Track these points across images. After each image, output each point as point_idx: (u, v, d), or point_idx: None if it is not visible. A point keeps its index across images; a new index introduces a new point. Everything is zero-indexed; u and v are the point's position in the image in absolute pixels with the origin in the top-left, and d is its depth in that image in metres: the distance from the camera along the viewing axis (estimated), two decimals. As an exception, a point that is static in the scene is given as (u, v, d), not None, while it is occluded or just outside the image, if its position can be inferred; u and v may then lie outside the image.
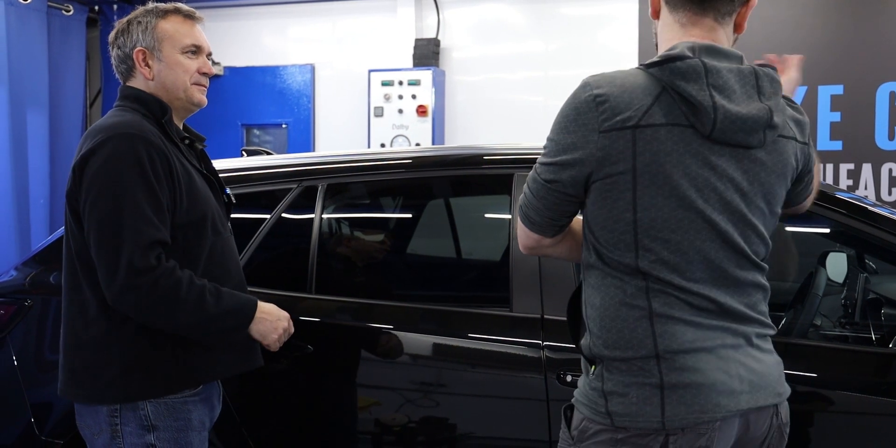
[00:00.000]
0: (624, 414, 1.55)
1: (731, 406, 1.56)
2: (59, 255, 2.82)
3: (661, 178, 1.52)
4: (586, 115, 1.53)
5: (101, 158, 1.91)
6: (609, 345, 1.57)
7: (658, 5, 1.67)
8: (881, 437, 2.14)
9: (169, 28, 2.06)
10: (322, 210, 2.68)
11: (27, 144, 5.13)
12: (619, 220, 1.55)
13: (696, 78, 1.53)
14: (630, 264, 1.56)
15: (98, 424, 2.01)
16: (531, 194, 1.63)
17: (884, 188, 4.94)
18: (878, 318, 2.51)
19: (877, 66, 4.93)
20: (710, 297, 1.57)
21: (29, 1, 5.12)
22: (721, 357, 1.57)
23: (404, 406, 2.47)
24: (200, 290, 1.93)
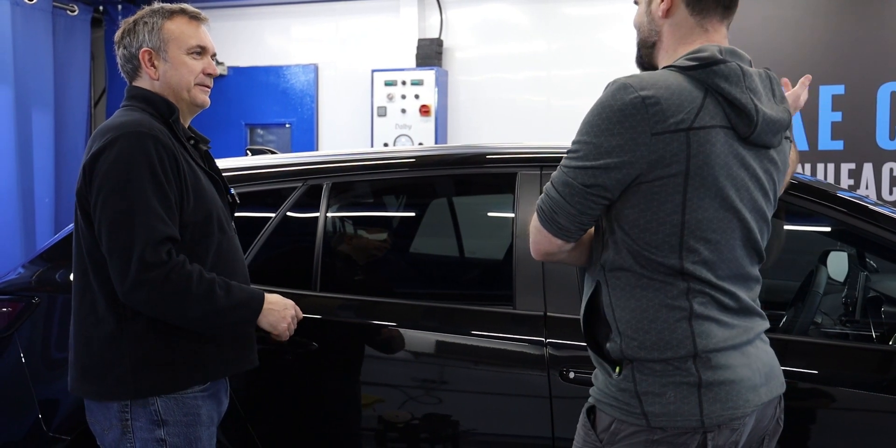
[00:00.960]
0: (661, 414, 1.55)
1: (756, 400, 1.60)
2: (66, 253, 2.85)
3: (710, 179, 1.54)
4: (635, 118, 1.51)
5: (112, 157, 1.93)
6: (646, 346, 1.57)
7: (673, 6, 1.66)
8: (882, 434, 2.16)
9: (175, 29, 2.08)
10: (326, 208, 2.69)
11: (32, 144, 5.15)
12: (665, 222, 1.54)
13: (737, 81, 1.56)
14: (674, 265, 1.56)
15: (108, 420, 2.03)
16: (562, 199, 1.58)
17: (885, 187, 4.95)
18: (879, 316, 2.53)
19: (878, 67, 4.93)
20: (735, 294, 1.61)
21: (34, 1, 5.14)
22: (745, 354, 1.61)
23: (408, 403, 2.48)
24: (210, 283, 1.96)
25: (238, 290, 2.03)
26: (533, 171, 2.52)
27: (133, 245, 1.89)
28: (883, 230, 2.30)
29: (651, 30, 1.70)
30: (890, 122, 4.93)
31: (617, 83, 1.56)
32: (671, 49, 1.66)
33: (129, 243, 1.89)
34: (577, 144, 1.58)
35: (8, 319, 2.82)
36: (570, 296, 2.35)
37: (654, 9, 1.68)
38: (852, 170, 4.99)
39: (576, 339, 2.30)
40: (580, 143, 1.57)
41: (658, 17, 1.67)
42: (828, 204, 2.35)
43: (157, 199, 1.93)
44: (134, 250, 1.89)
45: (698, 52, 1.59)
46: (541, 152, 2.62)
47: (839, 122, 4.99)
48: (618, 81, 1.56)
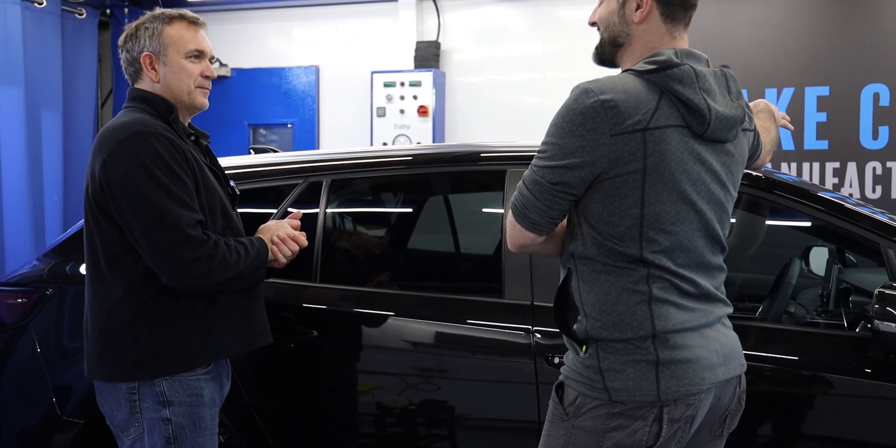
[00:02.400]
0: (621, 389, 1.66)
1: (712, 378, 1.70)
2: (78, 246, 2.97)
3: (666, 175, 1.64)
4: (595, 120, 1.61)
5: (124, 158, 2.02)
6: (608, 327, 1.68)
7: (650, 14, 1.73)
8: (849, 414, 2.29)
9: (174, 34, 2.16)
10: (326, 204, 2.80)
11: (41, 144, 5.24)
12: (626, 216, 1.65)
13: (690, 83, 1.66)
14: (634, 255, 1.66)
15: (117, 401, 2.13)
16: (532, 196, 1.69)
17: (868, 185, 5.02)
18: (848, 306, 2.65)
19: (861, 69, 4.98)
20: (694, 281, 1.71)
21: (44, 4, 5.24)
22: (703, 335, 1.71)
23: (403, 389, 2.57)
24: (235, 249, 2.10)
25: (248, 244, 2.16)
26: (522, 169, 2.63)
27: (171, 236, 2.00)
28: (857, 227, 2.40)
29: (621, 31, 1.77)
30: (873, 123, 4.99)
31: (579, 88, 1.65)
32: (638, 52, 1.75)
33: (166, 236, 2.00)
34: (544, 145, 1.69)
35: (23, 310, 2.92)
36: (556, 286, 2.47)
37: (628, 13, 1.75)
38: (837, 169, 5.05)
39: (557, 326, 2.44)
40: (547, 144, 1.68)
41: (632, 22, 1.74)
42: (808, 202, 2.45)
43: (177, 188, 2.03)
44: (174, 240, 2.00)
45: (656, 55, 1.69)
46: (530, 151, 2.73)
47: (824, 123, 5.04)
48: (580, 86, 1.65)
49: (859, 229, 2.40)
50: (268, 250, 2.19)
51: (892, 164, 4.97)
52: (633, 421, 1.66)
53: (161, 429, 2.11)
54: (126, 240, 2.07)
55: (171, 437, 2.12)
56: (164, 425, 2.11)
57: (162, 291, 2.09)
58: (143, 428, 2.12)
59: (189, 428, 2.13)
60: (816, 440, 2.33)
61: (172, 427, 2.11)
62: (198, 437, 2.15)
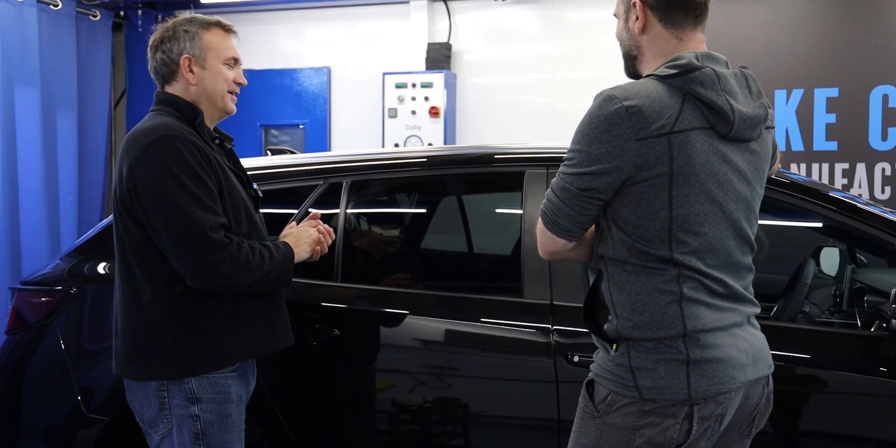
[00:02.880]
0: (652, 387, 1.68)
1: (742, 378, 1.74)
2: (100, 246, 3.03)
3: (692, 177, 1.67)
4: (620, 126, 1.64)
5: (151, 162, 2.06)
6: (640, 326, 1.70)
7: (647, 23, 1.78)
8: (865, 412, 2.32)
9: (213, 40, 2.23)
10: (346, 205, 2.84)
11: (57, 144, 5.29)
12: (655, 218, 1.68)
13: (712, 85, 1.69)
14: (665, 256, 1.69)
15: (147, 398, 2.18)
16: (561, 203, 1.72)
17: (877, 186, 5.03)
18: (862, 306, 2.68)
19: (870, 70, 5.00)
20: (724, 281, 1.74)
21: (60, 7, 5.29)
22: (732, 335, 1.75)
23: (423, 387, 2.61)
24: (259, 252, 2.14)
25: (274, 248, 2.20)
26: (539, 170, 2.68)
27: (194, 239, 2.04)
28: (868, 226, 2.43)
29: (631, 44, 1.83)
30: (882, 124, 5.00)
31: (603, 95, 1.69)
32: (652, 60, 1.79)
33: (190, 238, 2.04)
34: (571, 153, 1.72)
35: (47, 309, 2.96)
36: (575, 286, 2.50)
37: (631, 26, 1.81)
38: (846, 169, 5.07)
39: (580, 326, 2.46)
40: (574, 151, 1.71)
41: (636, 34, 1.80)
42: (819, 202, 2.49)
43: (201, 193, 2.07)
44: (197, 243, 2.04)
45: (676, 59, 1.72)
46: (547, 152, 2.77)
47: (833, 124, 5.05)
48: (604, 93, 1.69)
49: (873, 229, 2.43)
50: (293, 254, 2.24)
51: (901, 165, 5.01)
52: (664, 419, 1.69)
53: (190, 425, 2.15)
54: (153, 242, 2.11)
55: (200, 433, 2.16)
56: (192, 422, 2.15)
57: (189, 293, 2.13)
58: (172, 424, 2.16)
59: (217, 424, 2.18)
60: (832, 438, 2.37)
61: (201, 423, 2.15)
62: (225, 434, 2.20)
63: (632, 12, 1.80)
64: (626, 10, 1.81)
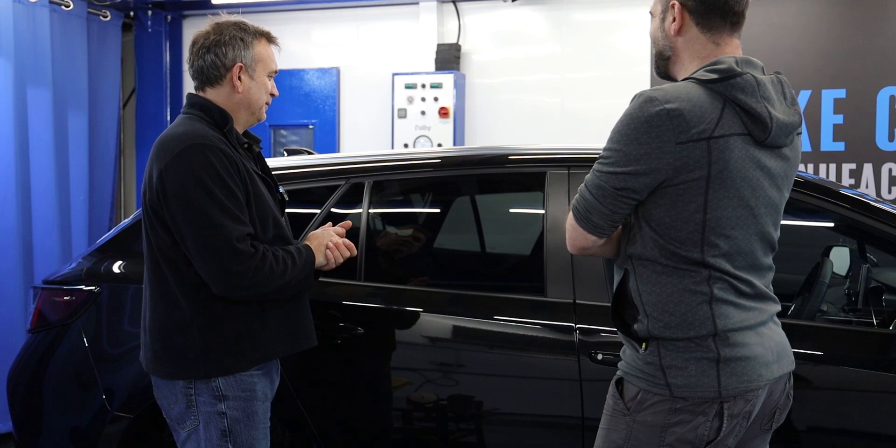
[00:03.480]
0: (683, 385, 1.71)
1: (768, 375, 1.77)
2: (123, 245, 3.06)
3: (728, 182, 1.70)
4: (660, 128, 1.65)
5: (181, 169, 2.09)
6: (671, 326, 1.73)
7: (684, 25, 1.80)
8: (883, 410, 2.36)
9: (263, 52, 2.28)
10: (369, 205, 2.87)
11: (68, 145, 5.30)
12: (689, 221, 1.71)
13: (752, 92, 1.71)
14: (696, 258, 1.72)
15: (174, 395, 2.21)
16: (595, 200, 1.73)
17: (884, 187, 5.08)
18: (880, 304, 2.72)
19: (877, 72, 5.02)
20: (750, 282, 1.78)
21: (71, 7, 5.31)
22: (759, 333, 1.78)
23: (445, 384, 2.65)
24: (283, 259, 2.17)
25: (296, 253, 2.22)
26: (561, 171, 2.72)
27: (220, 249, 2.07)
28: (883, 224, 2.47)
29: (665, 45, 1.84)
30: (889, 125, 5.04)
31: (643, 96, 1.70)
32: (687, 62, 1.81)
33: (215, 248, 2.07)
34: (608, 151, 1.73)
35: (69, 308, 2.99)
36: (597, 285, 2.54)
37: (667, 27, 1.82)
38: (853, 170, 5.11)
39: (603, 324, 2.50)
40: (611, 150, 1.72)
41: (671, 35, 1.82)
42: (832, 200, 2.53)
43: (229, 202, 2.09)
44: (223, 253, 2.07)
45: (716, 64, 1.74)
46: (568, 153, 2.81)
47: (841, 125, 5.08)
48: (644, 94, 1.70)
49: (887, 227, 2.46)
50: (314, 258, 2.26)
51: (908, 165, 5.04)
52: (694, 416, 1.72)
53: (217, 422, 2.19)
54: (179, 246, 2.14)
55: (227, 430, 2.19)
56: (219, 419, 2.19)
57: (215, 295, 2.16)
58: (199, 421, 2.20)
59: (243, 421, 2.21)
60: (852, 435, 2.40)
61: (228, 420, 2.19)
62: (252, 431, 2.23)
63: (669, 13, 1.81)
64: (663, 9, 1.83)
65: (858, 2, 5.07)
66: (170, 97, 6.08)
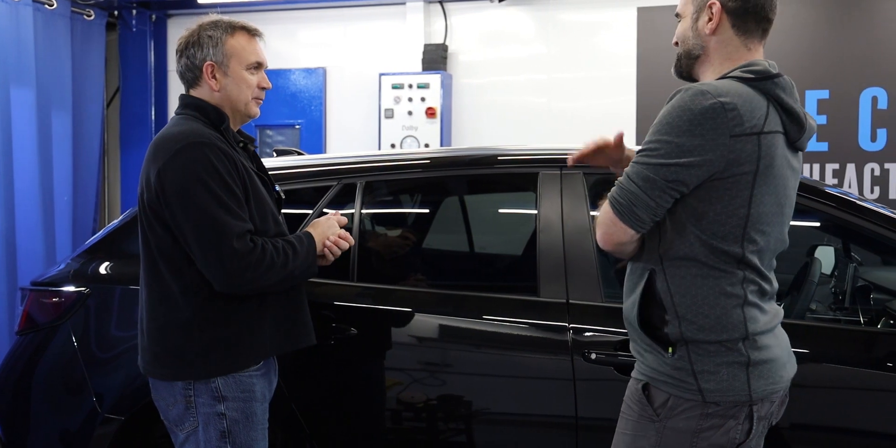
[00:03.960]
0: (715, 390, 1.71)
1: (787, 376, 1.81)
2: (113, 246, 3.04)
3: (771, 178, 1.72)
4: (715, 121, 1.65)
5: (179, 168, 2.08)
6: (704, 329, 1.72)
7: (720, 26, 1.80)
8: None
9: (237, 45, 2.22)
10: (361, 205, 2.87)
11: (52, 144, 5.26)
12: (734, 215, 1.71)
13: (791, 92, 1.75)
14: (737, 254, 1.72)
15: (173, 396, 2.20)
16: (642, 193, 1.70)
17: (866, 186, 5.15)
18: (868, 303, 2.75)
19: (860, 73, 5.11)
20: (771, 282, 1.81)
21: (55, 6, 5.26)
22: (777, 335, 1.82)
23: (439, 385, 2.65)
24: (283, 251, 2.16)
25: (297, 242, 2.21)
26: (553, 171, 2.73)
27: (221, 246, 2.06)
28: (869, 222, 2.49)
29: (696, 44, 1.84)
30: (871, 126, 5.11)
31: (694, 89, 1.70)
32: (716, 63, 1.82)
33: (216, 245, 2.06)
34: (656, 143, 1.70)
35: (59, 310, 2.96)
36: (590, 284, 2.56)
37: (700, 25, 1.83)
38: (836, 170, 5.17)
39: (596, 324, 2.52)
40: (660, 142, 1.69)
41: (705, 34, 1.82)
42: (819, 199, 2.54)
43: (229, 200, 2.08)
44: (224, 250, 2.06)
45: (752, 65, 1.77)
46: (560, 154, 2.80)
47: (824, 125, 5.14)
48: (693, 88, 1.70)
49: (874, 225, 2.49)
50: (316, 246, 2.25)
51: (889, 165, 5.11)
52: (726, 420, 1.73)
53: (216, 423, 2.18)
54: (180, 245, 2.13)
55: (226, 432, 2.18)
56: (218, 420, 2.18)
57: (215, 294, 2.15)
58: (198, 422, 2.18)
59: (242, 422, 2.20)
60: (842, 432, 2.43)
61: (227, 422, 2.18)
62: (250, 431, 2.22)
63: (704, 12, 1.82)
64: (697, 9, 1.83)
65: (842, 4, 5.13)
66: (154, 97, 6.04)
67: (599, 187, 2.99)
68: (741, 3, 1.80)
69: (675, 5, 1.95)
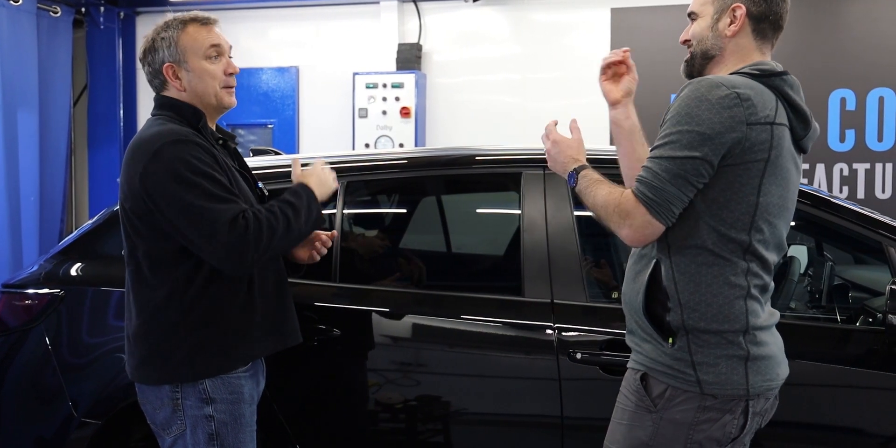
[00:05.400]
0: (714, 382, 1.73)
1: (783, 374, 1.83)
2: (86, 248, 2.98)
3: (778, 169, 1.75)
4: (732, 109, 1.69)
5: (160, 168, 2.04)
6: (706, 318, 1.74)
7: (743, 30, 1.84)
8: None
9: (189, 38, 2.16)
10: (343, 206, 2.85)
11: (18, 143, 5.17)
12: (743, 202, 1.73)
13: (797, 90, 1.80)
14: (744, 241, 1.74)
15: (160, 400, 2.16)
16: (678, 190, 1.70)
17: (836, 186, 5.27)
18: (846, 301, 2.79)
19: (829, 75, 5.21)
20: (770, 275, 1.82)
21: (20, 2, 5.16)
22: (773, 333, 1.83)
23: (423, 385, 2.64)
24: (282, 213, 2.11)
25: (295, 199, 2.17)
26: (536, 171, 2.73)
27: (219, 234, 2.02)
28: (843, 220, 2.53)
29: (714, 45, 1.87)
30: (840, 126, 5.23)
31: (707, 81, 1.73)
32: (730, 64, 1.85)
33: (215, 234, 2.02)
34: (676, 134, 1.71)
35: (31, 313, 2.90)
36: (574, 284, 2.57)
37: (721, 27, 1.86)
38: (806, 170, 5.28)
39: (581, 324, 2.53)
40: (681, 132, 1.70)
41: (725, 36, 1.85)
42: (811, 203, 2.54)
43: (214, 188, 2.05)
44: (221, 236, 2.02)
45: (759, 64, 1.81)
46: (543, 154, 2.81)
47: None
48: (706, 80, 1.74)
49: (862, 229, 2.54)
50: (316, 195, 2.21)
51: (857, 165, 5.22)
52: (722, 414, 1.74)
53: (204, 426, 2.15)
54: (167, 245, 2.10)
55: (214, 434, 2.15)
56: (206, 422, 2.15)
57: (201, 295, 2.12)
58: (186, 425, 2.15)
59: (231, 424, 2.17)
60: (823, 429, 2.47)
61: (215, 424, 2.15)
62: (239, 434, 2.19)
63: (727, 15, 1.85)
64: (719, 11, 1.86)
65: (811, 7, 5.22)
66: (123, 95, 5.95)
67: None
68: (764, 9, 1.85)
69: (648, 6, 1.98)
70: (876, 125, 5.22)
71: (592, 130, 2.01)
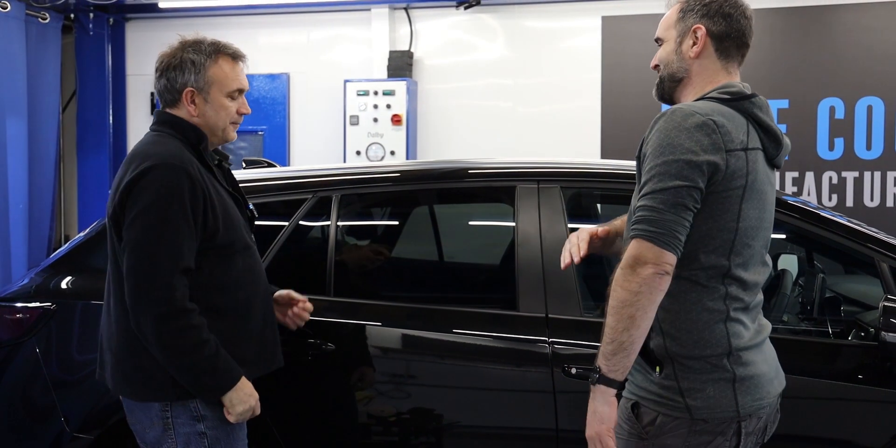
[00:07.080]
0: (703, 407, 1.73)
1: (774, 391, 1.83)
2: (77, 262, 2.97)
3: (755, 193, 1.76)
4: (712, 136, 1.69)
5: (148, 187, 2.03)
6: (687, 344, 1.75)
7: (704, 50, 1.85)
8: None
9: (219, 72, 2.15)
10: (336, 218, 2.84)
11: (6, 150, 5.13)
12: (724, 229, 1.74)
13: (766, 111, 1.82)
14: (723, 266, 1.74)
15: (150, 419, 2.14)
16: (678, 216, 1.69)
17: (825, 193, 5.29)
18: (838, 314, 2.80)
19: (818, 83, 5.24)
20: (755, 295, 1.83)
21: (8, 9, 5.12)
22: (762, 351, 1.84)
23: (420, 398, 2.63)
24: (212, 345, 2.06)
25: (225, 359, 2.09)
26: (531, 185, 2.74)
27: (156, 273, 2.00)
28: (832, 233, 2.56)
29: (681, 67, 1.88)
30: (829, 135, 5.27)
31: (680, 110, 1.73)
32: (698, 87, 1.86)
33: (152, 270, 2.01)
34: (663, 166, 1.70)
35: (23, 327, 2.88)
36: (569, 299, 2.57)
37: (685, 49, 1.87)
38: (795, 178, 5.31)
39: (576, 338, 2.53)
40: (667, 163, 1.69)
41: (689, 58, 1.86)
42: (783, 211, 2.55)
43: (183, 231, 2.04)
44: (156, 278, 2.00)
45: (728, 87, 1.81)
46: (537, 168, 2.82)
47: (784, 134, 5.31)
48: (679, 109, 1.74)
49: (854, 244, 2.55)
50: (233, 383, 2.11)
51: (846, 173, 5.25)
52: (714, 436, 1.75)
53: (196, 443, 2.13)
54: None
55: (207, 450, 2.13)
56: (199, 439, 2.13)
57: None
58: (178, 444, 2.13)
59: (224, 440, 2.17)
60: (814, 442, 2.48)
61: (208, 440, 2.14)
62: (232, 448, 2.18)
63: (688, 37, 1.86)
64: (681, 34, 1.87)
65: (801, 16, 5.25)
66: (112, 102, 5.90)
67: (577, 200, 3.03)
68: (724, 28, 1.85)
69: (639, 14, 1.99)
70: (865, 134, 5.26)
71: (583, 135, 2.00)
